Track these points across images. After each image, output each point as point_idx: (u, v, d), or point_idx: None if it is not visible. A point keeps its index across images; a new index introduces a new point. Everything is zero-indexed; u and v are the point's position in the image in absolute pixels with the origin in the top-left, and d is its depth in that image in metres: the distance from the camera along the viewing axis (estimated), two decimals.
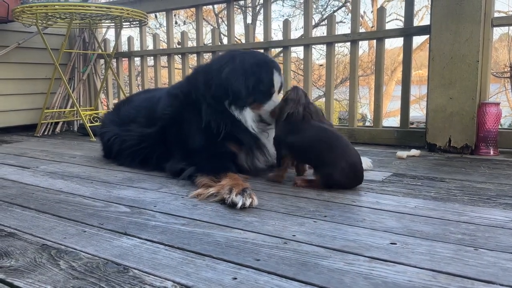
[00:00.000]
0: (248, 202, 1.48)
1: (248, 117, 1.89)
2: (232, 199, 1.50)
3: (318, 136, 1.69)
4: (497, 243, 1.12)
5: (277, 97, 1.93)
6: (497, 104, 2.43)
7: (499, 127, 2.46)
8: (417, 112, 10.23)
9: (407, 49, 2.83)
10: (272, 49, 3.49)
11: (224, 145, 1.89)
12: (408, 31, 2.78)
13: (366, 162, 2.04)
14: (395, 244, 1.12)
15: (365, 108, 11.53)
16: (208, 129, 1.89)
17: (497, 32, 9.12)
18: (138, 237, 1.22)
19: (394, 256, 1.05)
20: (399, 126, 2.91)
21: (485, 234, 1.18)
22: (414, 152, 2.42)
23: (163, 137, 2.11)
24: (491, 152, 2.40)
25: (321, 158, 1.67)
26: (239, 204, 1.47)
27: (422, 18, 11.35)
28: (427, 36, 2.69)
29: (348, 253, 1.07)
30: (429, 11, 2.54)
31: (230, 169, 1.81)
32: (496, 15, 2.48)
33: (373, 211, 1.41)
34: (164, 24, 5.19)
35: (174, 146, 2.06)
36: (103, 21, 3.96)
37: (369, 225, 1.27)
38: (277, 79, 1.92)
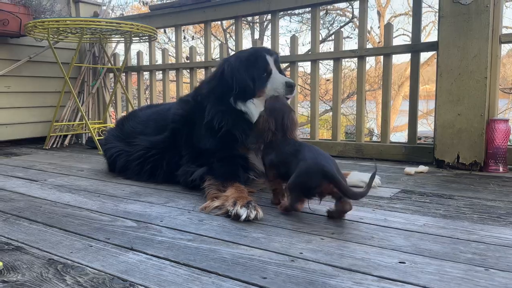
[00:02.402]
0: (252, 215, 1.48)
1: (253, 108, 1.96)
2: (237, 211, 1.51)
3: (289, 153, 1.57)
4: (508, 263, 1.10)
5: (277, 74, 1.99)
6: (506, 120, 2.41)
7: (508, 143, 2.44)
8: (424, 127, 10.20)
9: (415, 65, 2.83)
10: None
11: (234, 147, 1.92)
12: (415, 47, 2.79)
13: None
14: (404, 263, 1.11)
15: (372, 122, 11.52)
16: (212, 127, 1.96)
17: (505, 47, 9.11)
18: (144, 253, 1.22)
19: (403, 276, 1.03)
20: (407, 141, 2.90)
21: (495, 253, 1.16)
22: (422, 168, 2.40)
23: (173, 142, 2.14)
24: (501, 169, 2.37)
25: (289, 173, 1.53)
26: (243, 216, 1.47)
27: (429, 33, 11.40)
28: (434, 52, 2.69)
29: (356, 272, 1.06)
30: (436, 27, 2.55)
31: (239, 177, 1.84)
32: (503, 31, 2.48)
33: (381, 228, 1.40)
34: (173, 39, 5.24)
35: (185, 147, 2.09)
36: (113, 36, 4.02)
37: (377, 243, 1.26)
38: (269, 58, 2.00)
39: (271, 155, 1.65)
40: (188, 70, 3.97)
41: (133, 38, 3.89)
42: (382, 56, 2.97)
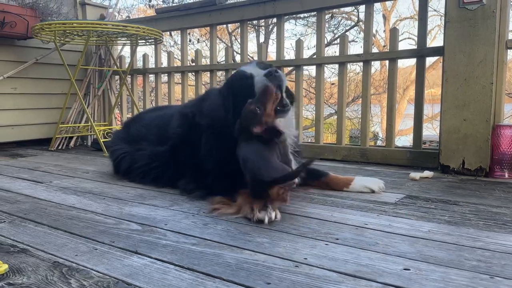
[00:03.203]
0: (273, 216, 1.51)
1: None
2: (258, 216, 1.51)
3: None
4: None
5: (260, 73, 1.75)
6: None
7: None
8: (429, 131, 10.17)
9: (420, 70, 2.83)
10: (284, 68, 3.52)
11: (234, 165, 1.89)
12: (421, 52, 2.78)
13: (378, 184, 2.02)
14: (409, 270, 1.11)
15: (376, 126, 11.49)
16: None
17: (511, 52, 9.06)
18: (149, 256, 1.22)
19: (408, 283, 1.03)
20: (411, 146, 2.89)
21: (501, 261, 1.16)
22: (427, 173, 2.39)
23: (174, 156, 2.12)
24: (506, 175, 2.36)
25: None
26: (266, 220, 1.49)
27: (435, 37, 11.37)
28: (440, 56, 2.68)
29: (361, 279, 1.05)
30: (442, 31, 2.54)
31: (242, 187, 1.80)
32: (511, 35, 2.47)
33: (386, 234, 1.39)
34: (179, 42, 5.27)
35: (185, 166, 2.06)
36: (119, 38, 4.04)
37: (382, 249, 1.26)
38: (247, 67, 1.82)
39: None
40: (194, 73, 3.98)
41: (139, 41, 3.91)
42: (387, 61, 2.97)
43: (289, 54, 9.50)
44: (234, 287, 1.02)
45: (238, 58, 9.28)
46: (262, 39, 10.99)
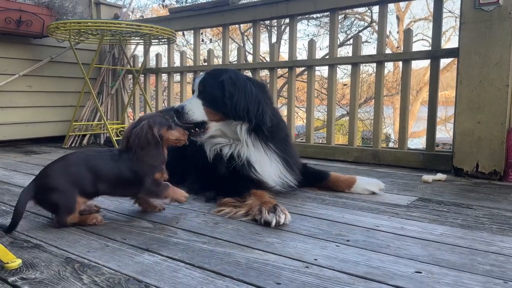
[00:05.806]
0: (282, 220, 1.47)
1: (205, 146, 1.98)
2: (265, 218, 1.49)
3: None
4: None
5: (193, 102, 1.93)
6: None
7: None
8: (442, 134, 10.05)
9: (434, 71, 2.80)
10: (296, 68, 3.52)
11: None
12: (435, 54, 2.75)
13: (379, 185, 2.01)
14: (420, 273, 1.09)
15: (389, 128, 11.40)
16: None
17: None
18: (160, 254, 1.23)
19: (419, 286, 1.02)
20: (424, 148, 2.86)
21: None
22: (440, 176, 2.36)
23: (183, 154, 2.13)
24: None
25: None
26: (273, 223, 1.46)
27: (449, 38, 11.26)
28: (454, 58, 2.65)
29: (372, 281, 1.05)
30: (457, 32, 2.52)
31: (252, 187, 1.80)
32: None
33: (397, 237, 1.38)
34: (191, 41, 5.29)
35: (191, 164, 2.07)
36: (132, 38, 4.08)
37: (394, 251, 1.24)
38: (196, 80, 1.99)
39: None
40: None
41: (152, 41, 3.94)
42: (401, 62, 2.94)
43: (301, 54, 9.49)
44: (244, 287, 1.02)
45: (250, 58, 9.29)
46: (274, 39, 10.98)
